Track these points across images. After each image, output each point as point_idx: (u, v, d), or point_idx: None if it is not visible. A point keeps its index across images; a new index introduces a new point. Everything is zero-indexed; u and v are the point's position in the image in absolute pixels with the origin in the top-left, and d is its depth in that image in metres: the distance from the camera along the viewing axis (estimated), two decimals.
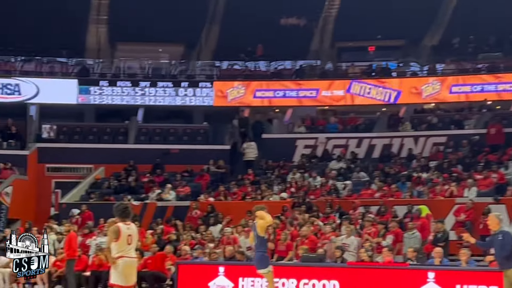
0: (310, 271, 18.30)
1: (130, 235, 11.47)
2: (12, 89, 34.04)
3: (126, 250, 11.44)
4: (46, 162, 33.27)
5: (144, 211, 28.72)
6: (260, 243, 14.78)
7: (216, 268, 19.43)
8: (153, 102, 35.20)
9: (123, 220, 11.54)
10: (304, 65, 37.01)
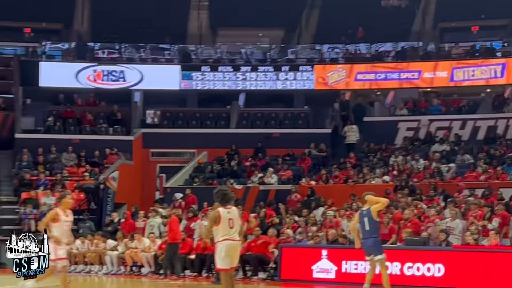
0: (414, 255, 18.15)
1: (231, 219, 11.62)
2: (117, 76, 34.80)
3: (230, 233, 11.59)
4: (150, 147, 33.91)
5: (247, 194, 28.98)
6: (375, 228, 14.70)
7: (319, 252, 19.49)
8: (254, 87, 35.38)
9: (224, 205, 11.73)
10: (406, 46, 36.48)
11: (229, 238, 11.58)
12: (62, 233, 12.69)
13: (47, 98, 34.99)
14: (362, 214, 14.75)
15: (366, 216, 14.64)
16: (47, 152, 32.11)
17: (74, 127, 33.80)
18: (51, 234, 12.49)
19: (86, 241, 25.19)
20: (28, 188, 29.92)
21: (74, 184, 30.59)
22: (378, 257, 14.61)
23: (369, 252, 14.68)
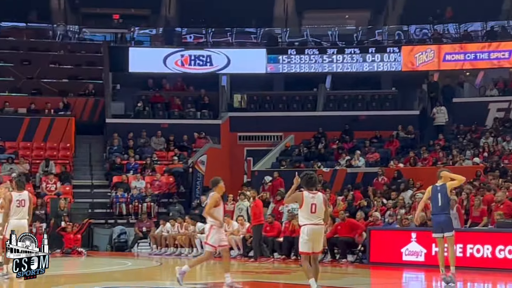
0: (506, 237, 17.82)
1: (314, 204, 11.66)
2: (204, 61, 35.12)
3: (312, 218, 11.66)
4: (238, 131, 34.15)
5: (334, 177, 28.96)
6: (447, 204, 14.50)
7: (409, 234, 19.34)
8: (340, 69, 35.22)
9: (309, 189, 11.76)
10: (496, 26, 35.70)
11: (311, 223, 11.65)
12: (221, 218, 13.15)
13: (136, 84, 35.57)
14: (436, 189, 14.51)
15: (440, 192, 14.42)
16: (137, 136, 32.68)
17: (162, 111, 34.29)
18: (215, 218, 12.95)
19: (176, 224, 25.58)
20: (119, 172, 30.53)
21: (163, 168, 31.08)
22: (449, 234, 14.40)
23: (441, 229, 14.41)
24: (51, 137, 31.90)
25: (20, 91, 33.63)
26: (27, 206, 15.03)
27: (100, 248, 27.71)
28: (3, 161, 29.67)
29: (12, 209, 14.91)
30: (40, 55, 35.04)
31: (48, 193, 28.32)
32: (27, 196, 15.14)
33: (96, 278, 16.29)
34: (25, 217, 15.03)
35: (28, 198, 15.10)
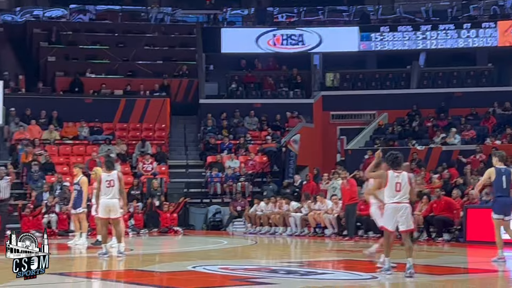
0: None
1: (398, 183, 11.73)
2: (296, 40, 35.09)
3: (396, 197, 11.74)
4: (330, 110, 34.05)
5: (429, 155, 28.61)
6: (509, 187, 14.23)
7: None
8: (434, 46, 34.69)
9: (395, 168, 11.84)
10: None
11: (395, 201, 11.73)
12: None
13: (229, 64, 35.81)
14: (501, 172, 14.21)
15: (505, 174, 14.14)
16: (230, 116, 32.95)
17: (255, 91, 34.46)
18: (379, 199, 13.11)
19: (270, 203, 25.74)
20: (213, 152, 30.86)
21: (257, 147, 31.27)
22: (508, 218, 14.13)
23: (504, 211, 14.16)
24: (146, 118, 32.47)
25: (116, 73, 34.29)
26: (117, 185, 15.30)
27: (196, 227, 28.13)
28: (100, 142, 30.36)
29: (102, 189, 15.26)
30: (134, 37, 35.65)
31: (144, 173, 28.85)
32: (116, 176, 15.40)
33: (192, 257, 16.55)
34: (115, 196, 15.34)
35: (117, 178, 15.36)
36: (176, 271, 13.05)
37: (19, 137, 29.43)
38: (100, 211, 15.46)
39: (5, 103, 22.95)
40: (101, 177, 15.39)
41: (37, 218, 24.08)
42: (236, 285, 10.93)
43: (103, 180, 15.28)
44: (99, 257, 15.22)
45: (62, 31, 35.30)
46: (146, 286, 10.92)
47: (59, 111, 31.14)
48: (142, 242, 22.60)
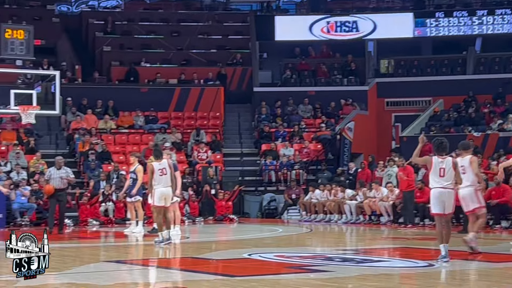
0: None
1: (443, 168, 12.00)
2: (350, 26, 34.89)
3: (440, 181, 12.03)
4: (385, 97, 33.82)
5: (486, 142, 28.25)
6: None
7: None
8: (491, 31, 34.20)
9: (439, 154, 12.13)
10: None
11: (440, 186, 12.04)
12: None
13: (283, 52, 35.77)
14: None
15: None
16: (284, 104, 32.93)
17: (309, 79, 34.38)
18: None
19: (325, 191, 25.70)
20: (268, 140, 30.89)
21: (311, 135, 31.22)
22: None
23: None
24: (201, 106, 32.63)
25: (170, 62, 34.49)
26: (169, 173, 15.53)
27: (251, 215, 28.21)
28: (156, 131, 30.60)
29: (155, 179, 15.44)
30: (189, 26, 35.81)
31: (199, 161, 29.01)
32: (167, 164, 15.62)
33: (247, 244, 16.62)
34: (168, 184, 15.57)
35: (168, 166, 15.58)
36: (231, 259, 13.13)
37: (76, 127, 29.82)
38: (155, 200, 15.63)
39: (62, 93, 23.20)
40: (153, 166, 15.57)
41: (95, 206, 24.40)
42: (292, 273, 10.95)
43: (156, 169, 15.49)
44: (155, 245, 15.38)
45: (117, 21, 35.64)
46: (201, 273, 11.00)
47: (115, 100, 31.46)
48: (197, 230, 22.77)
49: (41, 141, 29.55)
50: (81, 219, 23.96)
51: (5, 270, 11.00)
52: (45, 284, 10.05)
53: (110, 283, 9.95)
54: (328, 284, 9.49)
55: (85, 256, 14.76)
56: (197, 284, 9.65)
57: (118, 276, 11.12)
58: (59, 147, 29.19)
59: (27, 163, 26.64)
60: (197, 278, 10.44)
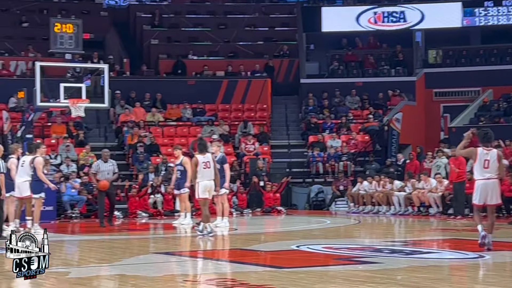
0: None
1: (487, 160, 12.04)
2: (397, 17, 34.64)
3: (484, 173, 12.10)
4: (433, 87, 33.53)
5: None
6: None
7: None
8: None
9: (484, 145, 12.17)
10: None
11: (484, 178, 12.08)
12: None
13: (329, 43, 35.67)
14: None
15: None
16: (331, 96, 32.85)
17: (356, 70, 34.24)
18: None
19: (373, 182, 25.59)
20: (315, 131, 30.83)
21: (359, 126, 31.10)
22: None
23: None
24: (248, 98, 32.68)
25: (217, 54, 34.60)
26: (212, 167, 15.81)
27: (299, 207, 28.22)
28: (203, 123, 30.74)
29: (199, 171, 15.65)
30: (235, 18, 35.89)
31: (247, 153, 29.08)
32: (211, 158, 15.94)
33: (295, 236, 16.63)
34: (211, 177, 15.82)
35: (211, 160, 15.90)
36: (279, 250, 13.15)
37: (124, 120, 30.09)
38: (199, 192, 15.84)
39: (111, 86, 23.41)
40: (198, 159, 15.76)
41: (144, 198, 24.61)
42: (340, 265, 10.94)
43: (200, 162, 15.70)
44: (203, 237, 15.47)
45: (164, 14, 35.86)
46: (250, 265, 11.04)
47: (162, 93, 31.67)
48: (245, 221, 22.84)
49: (91, 134, 29.88)
50: (130, 211, 24.19)
51: (57, 261, 11.16)
52: (96, 275, 10.19)
53: (159, 275, 10.05)
54: (377, 276, 9.46)
55: (135, 248, 14.91)
56: (245, 276, 9.68)
57: (167, 267, 11.21)
58: (108, 140, 29.48)
59: (76, 156, 26.97)
60: (245, 270, 10.48)
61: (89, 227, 20.69)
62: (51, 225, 20.19)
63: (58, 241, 16.39)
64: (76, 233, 19.89)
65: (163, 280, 9.54)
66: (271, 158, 29.61)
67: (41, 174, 17.39)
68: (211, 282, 9.37)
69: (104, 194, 19.86)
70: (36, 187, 17.32)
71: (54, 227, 19.75)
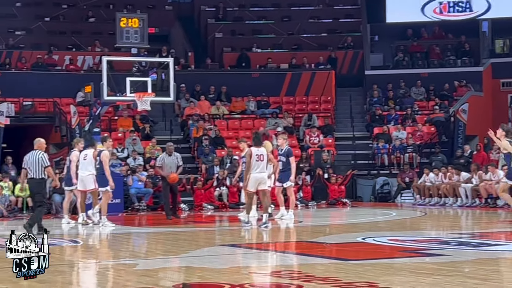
0: None
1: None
2: (463, 6, 34.15)
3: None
4: (500, 77, 33.00)
5: None
6: None
7: None
8: None
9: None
10: None
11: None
12: None
13: (394, 34, 35.35)
14: None
15: None
16: (396, 87, 32.60)
17: (422, 61, 33.89)
18: None
19: (440, 174, 25.34)
20: (380, 123, 30.65)
21: (424, 118, 30.81)
22: None
23: None
24: (312, 91, 32.64)
25: (281, 47, 34.63)
26: (265, 160, 16.12)
27: (364, 199, 28.10)
28: (268, 116, 30.80)
29: (252, 164, 15.95)
30: (299, 10, 35.87)
31: (311, 145, 29.06)
32: (265, 151, 16.20)
33: (361, 228, 16.58)
34: (264, 170, 16.14)
35: (265, 153, 16.17)
36: (345, 243, 13.13)
37: (189, 113, 30.33)
38: (249, 185, 16.18)
39: (176, 79, 23.63)
40: (252, 151, 16.09)
41: (209, 191, 24.79)
42: (406, 257, 10.88)
43: (253, 155, 16.02)
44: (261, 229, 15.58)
45: (228, 7, 36.01)
46: (315, 257, 11.05)
47: (226, 86, 31.83)
48: (310, 214, 22.84)
49: (156, 127, 30.20)
50: (196, 204, 24.40)
51: (124, 254, 11.34)
52: (162, 267, 10.32)
53: (226, 267, 10.12)
54: (444, 268, 9.38)
55: (201, 240, 15.03)
56: (311, 268, 9.70)
57: (233, 259, 11.29)
58: (174, 133, 29.75)
59: (143, 149, 27.30)
60: (311, 262, 10.50)
61: (155, 219, 20.94)
62: (118, 218, 20.50)
63: (126, 234, 16.65)
64: (143, 225, 20.15)
65: (229, 272, 9.61)
66: (336, 150, 29.51)
67: (107, 168, 17.60)
68: (276, 274, 9.41)
69: (168, 187, 20.01)
70: (103, 180, 17.55)
71: (121, 220, 20.05)
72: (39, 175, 15.21)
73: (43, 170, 15.19)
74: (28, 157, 15.42)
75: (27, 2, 34.89)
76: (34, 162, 15.18)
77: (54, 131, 28.47)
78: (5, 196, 22.45)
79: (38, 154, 15.25)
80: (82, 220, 17.96)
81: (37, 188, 15.43)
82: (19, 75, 30.30)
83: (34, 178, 15.25)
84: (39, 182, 15.32)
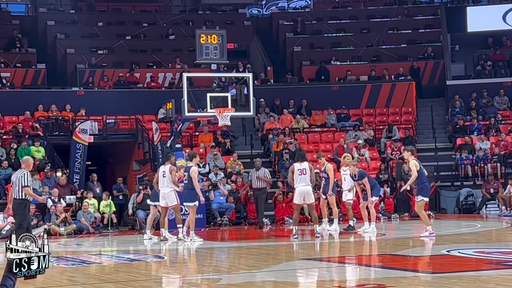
0: None
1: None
2: None
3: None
4: None
5: None
6: None
7: None
8: None
9: None
10: None
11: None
12: None
13: (475, 43, 34.84)
14: None
15: None
16: (478, 97, 32.07)
17: (504, 69, 33.29)
18: None
19: None
20: (462, 133, 30.17)
21: (508, 127, 30.21)
22: None
23: None
24: (393, 102, 32.33)
25: (360, 59, 34.47)
26: (308, 174, 17.28)
27: (448, 211, 27.68)
28: (348, 128, 30.65)
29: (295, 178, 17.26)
30: (378, 22, 35.67)
31: (393, 158, 28.79)
32: (307, 166, 17.41)
33: (445, 240, 16.34)
34: (307, 183, 17.26)
35: (308, 168, 17.34)
36: (429, 255, 12.96)
37: (269, 127, 30.40)
38: (295, 198, 17.37)
39: (255, 94, 23.76)
40: (294, 167, 17.39)
41: (290, 205, 24.75)
42: (492, 269, 10.67)
43: (295, 169, 17.25)
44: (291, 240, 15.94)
45: (306, 21, 36.07)
46: (400, 270, 10.93)
47: (306, 99, 31.82)
48: (393, 226, 22.62)
49: (237, 142, 30.36)
50: (277, 218, 24.40)
51: (208, 268, 11.41)
52: (246, 282, 10.35)
53: (309, 281, 10.10)
54: None
55: (283, 254, 15.04)
56: (395, 281, 9.60)
57: (316, 273, 11.26)
58: (254, 148, 29.86)
59: (224, 164, 27.46)
60: (394, 275, 10.39)
61: (238, 234, 21.02)
62: (201, 233, 20.65)
63: (208, 248, 16.77)
64: (225, 240, 20.25)
65: (313, 285, 9.58)
66: None
67: (196, 183, 17.75)
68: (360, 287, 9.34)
69: (257, 199, 20.66)
70: (191, 196, 17.67)
71: (204, 235, 20.20)
72: (20, 195, 14.31)
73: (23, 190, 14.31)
74: (13, 176, 14.91)
75: (109, 21, 35.63)
76: (16, 182, 14.41)
77: (137, 148, 28.89)
78: (90, 213, 22.88)
79: (20, 173, 14.46)
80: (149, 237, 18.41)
81: (16, 209, 14.47)
82: (101, 93, 30.89)
83: (16, 198, 14.41)
84: (20, 203, 14.33)
